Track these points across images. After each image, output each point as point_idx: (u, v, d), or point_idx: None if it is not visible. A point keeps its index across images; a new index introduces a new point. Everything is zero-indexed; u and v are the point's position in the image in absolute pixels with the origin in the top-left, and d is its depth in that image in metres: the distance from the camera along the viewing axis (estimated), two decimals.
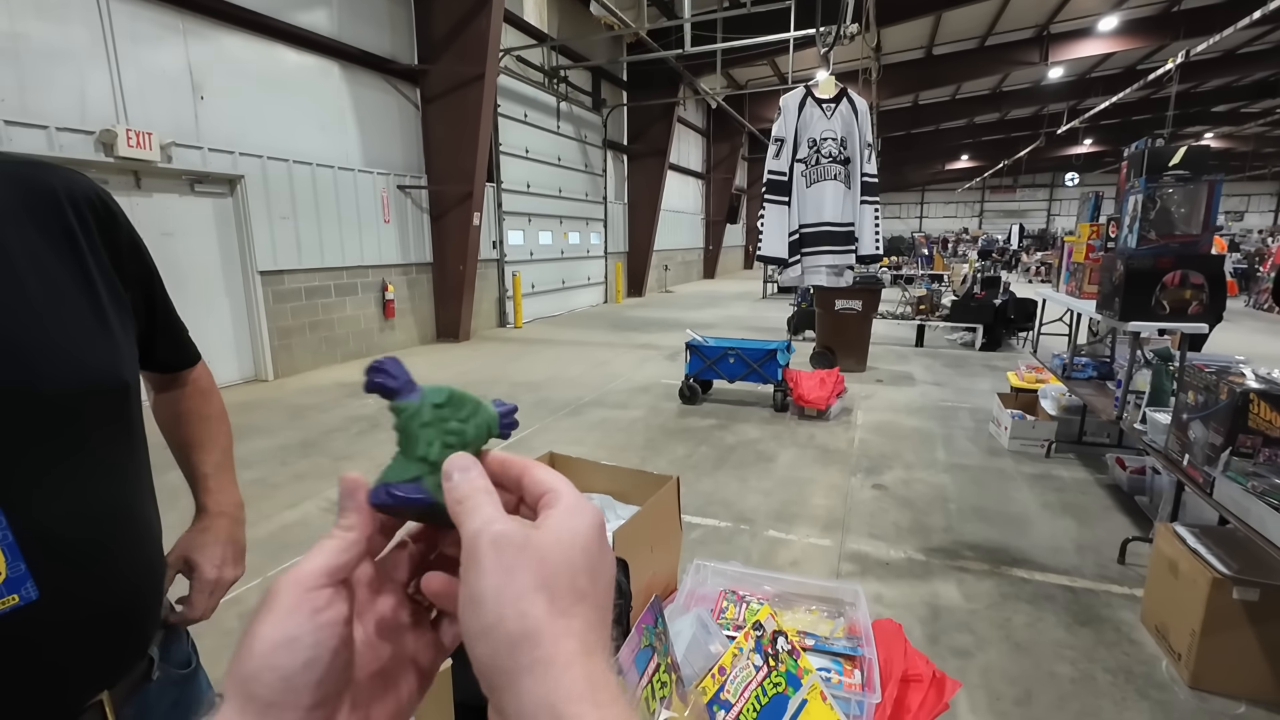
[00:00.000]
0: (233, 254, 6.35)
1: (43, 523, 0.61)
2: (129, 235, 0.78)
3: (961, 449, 4.57)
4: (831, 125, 3.18)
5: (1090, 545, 3.14)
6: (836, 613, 1.25)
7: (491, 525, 0.27)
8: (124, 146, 5.05)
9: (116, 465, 0.71)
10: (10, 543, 0.59)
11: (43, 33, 4.64)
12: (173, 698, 0.80)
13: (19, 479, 0.60)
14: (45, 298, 0.65)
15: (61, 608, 0.62)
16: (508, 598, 0.25)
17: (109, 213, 0.75)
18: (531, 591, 0.25)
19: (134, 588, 0.72)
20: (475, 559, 0.26)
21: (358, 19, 7.39)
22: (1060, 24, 13.96)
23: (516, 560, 0.26)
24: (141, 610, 0.74)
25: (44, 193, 0.68)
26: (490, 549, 0.26)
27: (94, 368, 0.68)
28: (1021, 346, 8.62)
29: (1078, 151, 25.86)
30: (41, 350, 0.63)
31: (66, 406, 0.64)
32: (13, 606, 0.59)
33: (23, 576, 0.59)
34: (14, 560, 0.59)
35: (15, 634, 0.59)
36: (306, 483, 3.94)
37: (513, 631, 0.24)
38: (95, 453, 0.67)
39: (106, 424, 0.69)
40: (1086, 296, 3.71)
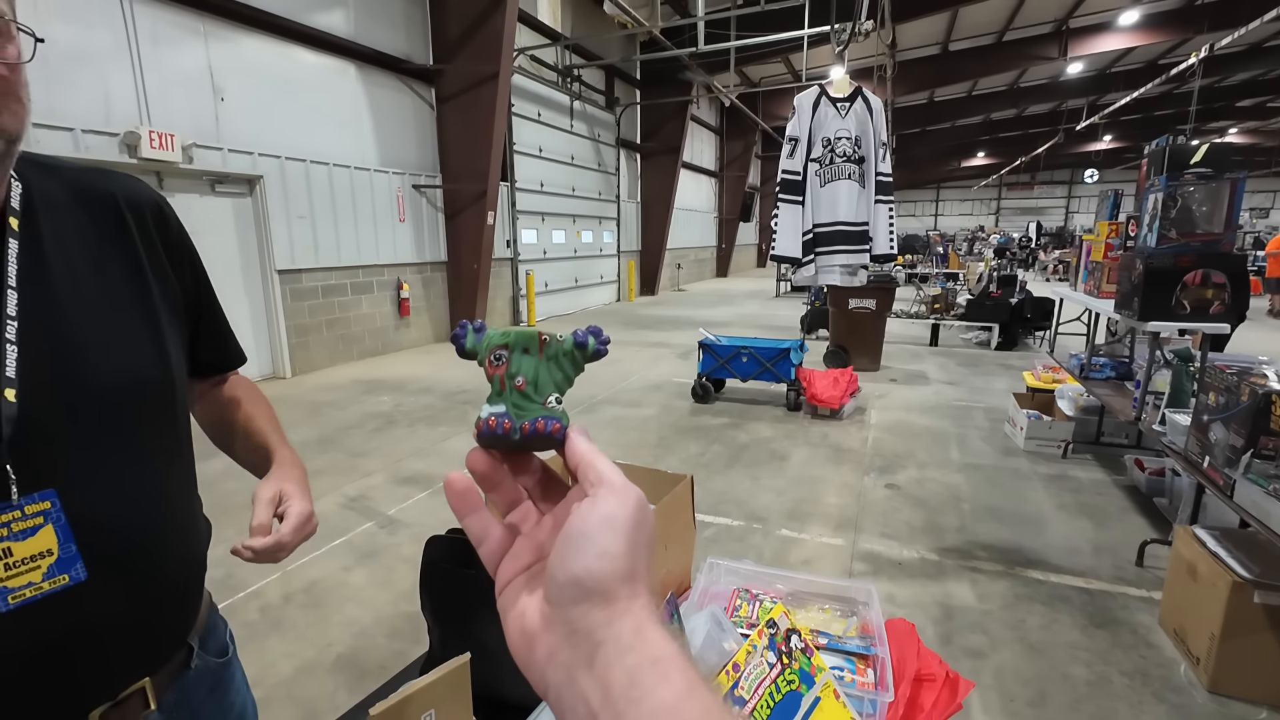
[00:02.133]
0: (251, 253, 6.45)
1: (92, 508, 0.64)
2: (181, 239, 0.81)
3: (976, 449, 4.53)
4: (846, 124, 3.16)
5: (1107, 547, 3.12)
6: (849, 612, 1.26)
7: (629, 486, 0.31)
8: (147, 148, 5.15)
9: (161, 457, 0.73)
10: (64, 524, 0.62)
11: (68, 36, 4.74)
12: (209, 685, 0.83)
13: (70, 466, 0.63)
14: (100, 295, 0.68)
15: (108, 590, 0.65)
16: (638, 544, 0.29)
17: (162, 217, 0.78)
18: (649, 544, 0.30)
19: (175, 576, 0.75)
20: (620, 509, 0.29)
21: (374, 20, 7.46)
22: (1080, 18, 13.75)
23: (646, 517, 0.30)
24: (182, 598, 0.77)
25: (103, 197, 0.72)
26: (638, 503, 0.30)
27: (142, 363, 0.71)
28: (1038, 346, 8.53)
29: (1097, 148, 25.48)
30: (94, 344, 0.66)
31: (116, 399, 0.67)
32: (63, 586, 0.62)
33: (73, 557, 0.63)
34: (66, 541, 0.62)
35: (64, 613, 0.62)
36: (325, 478, 4.00)
37: (620, 570, 0.28)
38: (141, 444, 0.70)
39: (153, 417, 0.72)
40: (1105, 296, 3.67)
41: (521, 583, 0.32)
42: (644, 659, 0.26)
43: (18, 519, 0.59)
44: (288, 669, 2.27)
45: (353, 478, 4.03)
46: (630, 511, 0.29)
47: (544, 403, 0.34)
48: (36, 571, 0.60)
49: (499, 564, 0.34)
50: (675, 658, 0.26)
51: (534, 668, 0.29)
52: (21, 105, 0.59)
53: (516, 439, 0.33)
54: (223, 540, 0.84)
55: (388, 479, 4.01)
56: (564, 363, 0.35)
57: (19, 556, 0.59)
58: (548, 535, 0.33)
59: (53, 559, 0.61)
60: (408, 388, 6.30)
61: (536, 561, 0.32)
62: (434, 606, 1.23)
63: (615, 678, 0.25)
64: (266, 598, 2.71)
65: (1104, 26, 13.83)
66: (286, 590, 2.76)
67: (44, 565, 0.61)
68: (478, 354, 0.35)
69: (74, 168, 0.73)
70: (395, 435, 4.86)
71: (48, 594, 0.61)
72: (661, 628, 0.27)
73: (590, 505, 0.29)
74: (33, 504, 0.60)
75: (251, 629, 2.49)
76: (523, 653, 0.30)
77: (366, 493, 3.80)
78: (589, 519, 0.28)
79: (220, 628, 0.89)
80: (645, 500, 0.30)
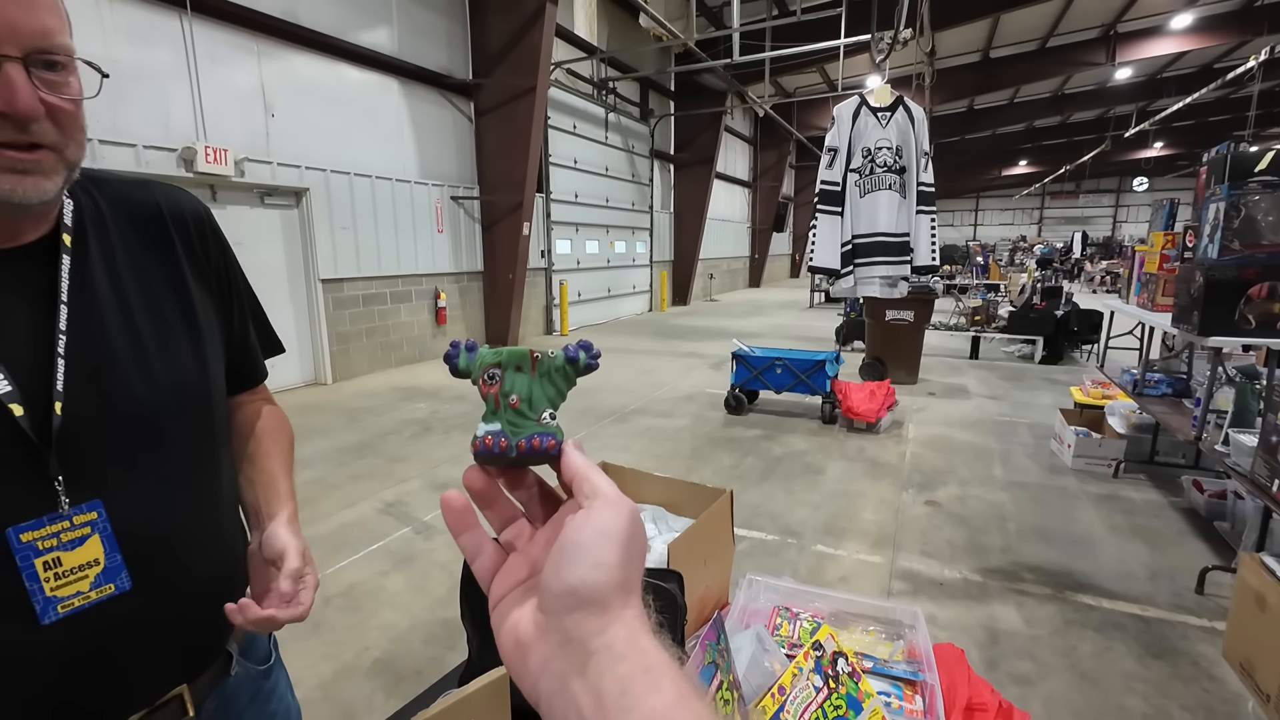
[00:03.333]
0: (297, 262, 6.67)
1: (135, 518, 0.66)
2: (221, 248, 0.82)
3: (1020, 466, 4.38)
4: (887, 134, 3.11)
5: (1164, 572, 2.97)
6: (895, 634, 1.22)
7: (623, 499, 0.32)
8: (202, 162, 5.38)
9: (201, 466, 0.75)
10: (109, 534, 0.63)
11: (133, 57, 4.99)
12: (250, 693, 0.83)
13: (115, 477, 0.65)
14: (144, 308, 0.70)
15: (149, 599, 0.67)
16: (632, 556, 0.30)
17: (201, 226, 0.79)
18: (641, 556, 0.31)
19: (213, 584, 0.75)
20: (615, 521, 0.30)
21: (417, 37, 7.68)
22: (1129, 22, 13.34)
23: (639, 530, 0.31)
24: (219, 605, 0.78)
25: (147, 208, 0.74)
26: (631, 515, 0.31)
27: (184, 375, 0.72)
28: (1085, 360, 8.22)
29: (1147, 155, 24.57)
30: (138, 358, 0.68)
31: (158, 411, 0.68)
32: (109, 595, 0.63)
33: (119, 567, 0.64)
34: (112, 551, 0.63)
35: (108, 621, 0.64)
36: (363, 483, 4.08)
37: (616, 580, 0.28)
38: (182, 455, 0.72)
39: (193, 428, 0.73)
40: (1160, 309, 3.52)
41: (515, 597, 0.33)
42: (636, 668, 0.26)
43: (67, 529, 0.61)
44: (327, 671, 2.31)
45: (390, 483, 4.10)
46: (624, 523, 0.30)
47: (539, 419, 0.35)
48: (84, 581, 0.62)
49: (491, 580, 0.34)
50: (667, 667, 0.27)
51: (527, 678, 0.29)
52: (84, 136, 0.62)
53: (513, 456, 0.34)
54: None
55: (423, 485, 4.07)
56: (556, 379, 0.36)
57: (68, 566, 0.61)
58: (541, 551, 0.33)
59: (99, 569, 0.63)
60: (443, 395, 6.40)
61: (530, 577, 0.33)
62: (474, 615, 1.23)
63: (607, 686, 0.26)
64: None
65: (1155, 30, 13.38)
66: (325, 594, 2.81)
67: (91, 575, 0.62)
68: (471, 373, 0.36)
69: (119, 180, 0.75)
70: (431, 441, 4.93)
71: (95, 603, 0.62)
72: (653, 637, 0.28)
73: (585, 517, 0.30)
74: (81, 514, 0.62)
75: (292, 630, 2.52)
76: (516, 664, 0.30)
77: (403, 498, 3.86)
78: (584, 530, 0.29)
79: (262, 636, 0.89)
80: (638, 513, 0.31)
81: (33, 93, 0.55)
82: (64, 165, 0.60)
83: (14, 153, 0.56)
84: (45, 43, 0.56)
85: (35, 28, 0.55)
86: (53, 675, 0.61)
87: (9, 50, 0.53)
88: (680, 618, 1.16)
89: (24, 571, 0.58)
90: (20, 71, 0.54)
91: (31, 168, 0.57)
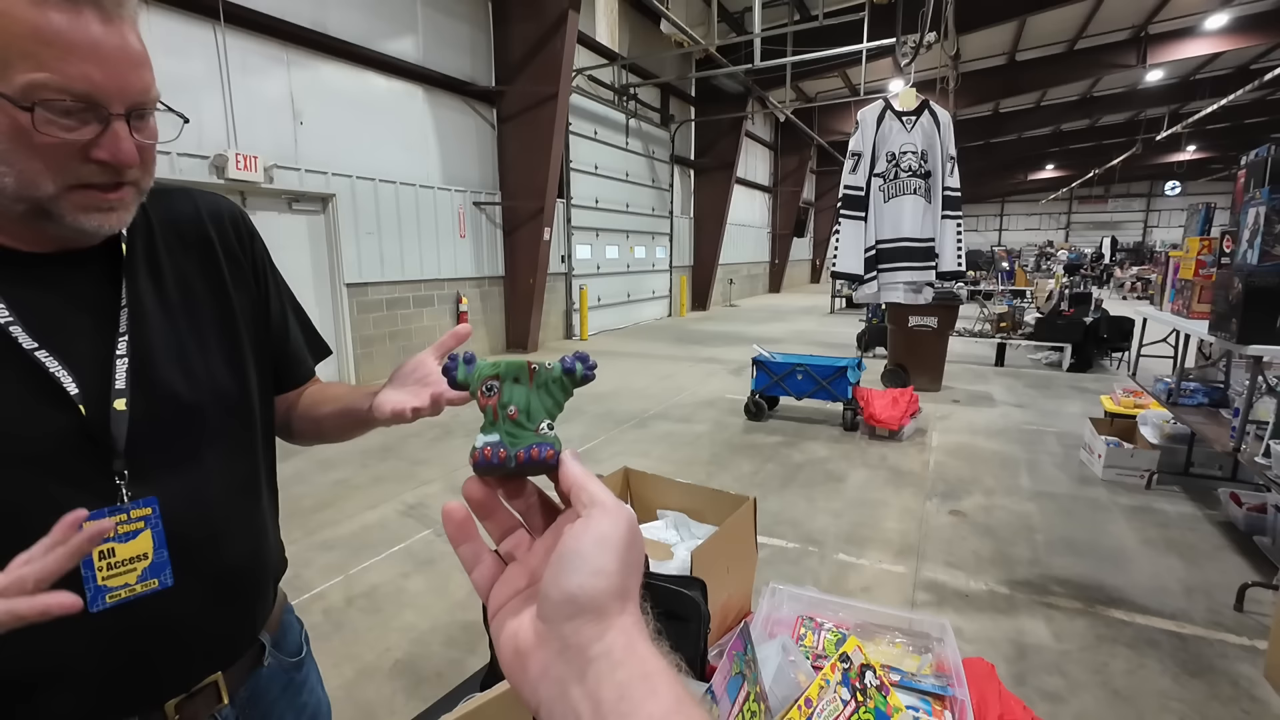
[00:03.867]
0: (323, 267, 6.79)
1: (181, 514, 0.68)
2: (257, 247, 0.84)
3: (1048, 476, 4.29)
4: (912, 138, 3.08)
5: (1200, 588, 2.87)
6: (923, 647, 1.20)
7: (621, 507, 0.32)
8: (233, 169, 5.50)
9: (239, 465, 0.77)
10: (160, 530, 0.66)
11: (169, 67, 5.13)
12: (282, 684, 0.86)
13: (166, 473, 0.67)
14: (186, 310, 0.73)
15: (189, 595, 0.69)
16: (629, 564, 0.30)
17: (238, 226, 0.82)
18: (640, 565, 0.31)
19: (250, 578, 0.78)
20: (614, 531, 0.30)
21: (442, 45, 7.79)
22: (1160, 24, 13.05)
23: (638, 539, 0.32)
24: (255, 598, 0.80)
25: (189, 213, 0.78)
26: (629, 524, 0.31)
27: (224, 375, 0.75)
28: (1115, 368, 8.03)
29: (1180, 158, 23.99)
30: (182, 358, 0.71)
31: (201, 409, 0.71)
32: (152, 590, 0.66)
33: (164, 563, 0.66)
34: (160, 547, 0.66)
35: (152, 614, 0.66)
36: (385, 485, 4.13)
37: (615, 587, 0.29)
38: (224, 453, 0.74)
39: (234, 426, 0.76)
40: (1196, 316, 3.42)
41: (514, 606, 0.33)
42: (634, 674, 0.27)
43: (123, 522, 0.63)
44: (349, 671, 2.33)
45: (411, 485, 4.14)
46: (623, 531, 0.30)
47: (536, 429, 0.35)
48: (132, 574, 0.64)
49: (489, 590, 0.35)
50: (664, 673, 0.27)
51: (526, 685, 0.30)
52: (154, 166, 0.68)
53: (512, 466, 0.34)
54: (291, 541, 0.86)
55: (445, 487, 4.10)
56: (554, 389, 0.36)
57: (120, 558, 0.63)
58: (540, 560, 0.34)
59: (147, 563, 0.65)
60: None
61: (529, 586, 0.34)
62: None
63: (606, 692, 0.26)
64: (330, 600, 2.80)
65: (1188, 31, 13.08)
66: (349, 594, 2.85)
67: (139, 568, 0.65)
68: (469, 385, 0.37)
69: (164, 190, 0.78)
70: (453, 445, 4.98)
71: (138, 596, 0.65)
72: (651, 644, 0.29)
73: (584, 525, 0.30)
74: (138, 509, 0.64)
75: (315, 630, 2.58)
76: (516, 672, 0.31)
77: (425, 500, 3.90)
78: (583, 538, 0.29)
79: (295, 628, 0.92)
80: (635, 520, 0.32)
81: (133, 146, 0.61)
82: (139, 195, 0.66)
83: (102, 194, 0.61)
84: (143, 98, 0.62)
85: (138, 86, 0.61)
86: (97, 660, 0.64)
87: (117, 109, 0.59)
88: (703, 625, 1.15)
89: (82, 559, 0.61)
90: (124, 126, 0.60)
91: (116, 205, 0.62)
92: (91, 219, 0.61)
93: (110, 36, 0.57)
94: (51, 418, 0.61)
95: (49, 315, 0.63)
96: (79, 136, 0.57)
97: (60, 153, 0.57)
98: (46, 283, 0.64)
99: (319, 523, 3.56)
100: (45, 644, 0.61)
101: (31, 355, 0.60)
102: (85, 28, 0.55)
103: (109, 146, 0.58)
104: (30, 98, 0.54)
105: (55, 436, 0.61)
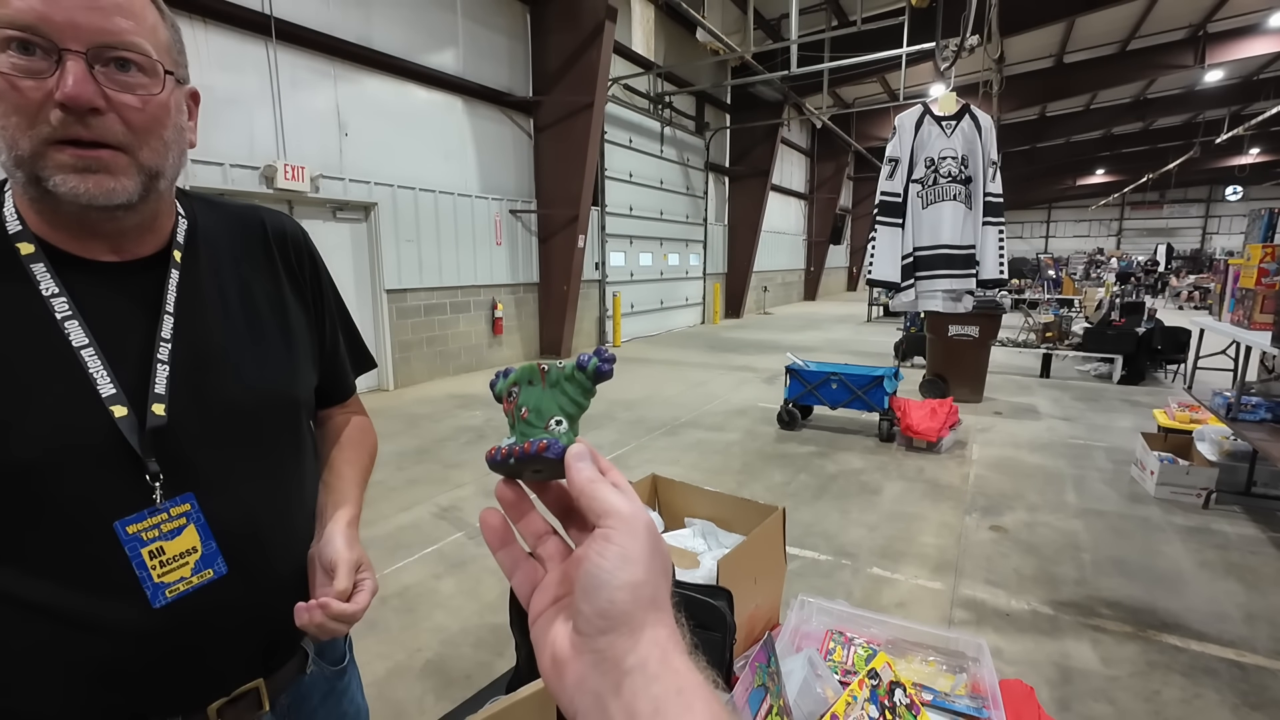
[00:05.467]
0: (364, 274, 6.99)
1: (224, 512, 0.70)
2: (316, 268, 0.88)
3: (1096, 493, 4.11)
4: (952, 143, 3.00)
5: (1264, 615, 2.71)
6: (957, 667, 1.16)
7: (640, 513, 0.32)
8: (281, 179, 5.72)
9: (285, 470, 0.79)
10: (203, 523, 0.68)
11: (224, 82, 5.38)
12: (323, 692, 0.86)
13: (206, 471, 0.69)
14: (244, 319, 0.76)
15: (243, 583, 0.71)
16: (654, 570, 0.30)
17: (299, 247, 0.86)
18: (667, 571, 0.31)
19: (293, 581, 0.79)
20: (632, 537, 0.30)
21: (481, 57, 7.97)
22: (1220, 22, 12.50)
23: (659, 545, 0.31)
24: (297, 600, 0.81)
25: (254, 226, 0.82)
26: (647, 530, 0.31)
27: (275, 381, 0.77)
28: (1170, 381, 7.67)
29: (1241, 162, 22.84)
30: (234, 364, 0.73)
31: (249, 413, 0.74)
32: (209, 580, 0.68)
33: (215, 553, 0.69)
34: (206, 539, 0.68)
35: (209, 604, 0.68)
36: (420, 488, 4.21)
37: (643, 598, 0.29)
38: (269, 456, 0.76)
39: (280, 432, 0.78)
40: (1258, 327, 3.25)
41: (551, 614, 0.33)
42: (669, 688, 0.27)
43: (165, 520, 0.65)
44: (381, 670, 2.38)
45: (445, 488, 4.21)
46: (643, 543, 0.30)
47: (545, 426, 0.36)
48: (186, 567, 0.67)
49: (530, 596, 0.35)
50: (699, 688, 0.27)
51: (564, 694, 0.30)
52: (163, 143, 0.65)
53: (512, 463, 0.35)
54: None
55: (477, 490, 4.16)
56: (568, 387, 0.37)
57: (170, 554, 0.66)
58: (573, 567, 0.34)
59: (198, 555, 0.67)
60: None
61: (565, 595, 0.34)
62: (522, 623, 1.24)
63: (641, 706, 0.27)
64: None
65: (1250, 29, 12.49)
66: (383, 593, 2.90)
67: (191, 561, 0.67)
68: (500, 395, 0.39)
69: (233, 205, 0.82)
70: (485, 449, 5.02)
71: (197, 588, 0.67)
72: (688, 658, 0.29)
73: (604, 542, 0.30)
74: (176, 506, 0.66)
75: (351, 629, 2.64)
76: (553, 679, 0.31)
77: (457, 503, 3.96)
78: (606, 555, 0.29)
79: (340, 638, 0.91)
80: (653, 523, 0.31)
81: (89, 84, 0.57)
82: (138, 169, 0.62)
83: (77, 149, 0.59)
84: (112, 40, 0.58)
85: (100, 26, 0.57)
86: (160, 655, 0.66)
87: (71, 45, 0.56)
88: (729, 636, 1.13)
89: (133, 560, 0.64)
90: (80, 65, 0.57)
91: (94, 165, 0.59)
92: (70, 181, 0.59)
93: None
94: (89, 415, 0.62)
95: (105, 318, 0.65)
96: (34, 77, 0.56)
97: (30, 101, 0.56)
98: (114, 287, 0.67)
99: None
100: (103, 641, 0.63)
101: (78, 353, 0.62)
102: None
103: (60, 84, 0.56)
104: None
105: (93, 434, 0.62)
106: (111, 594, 0.63)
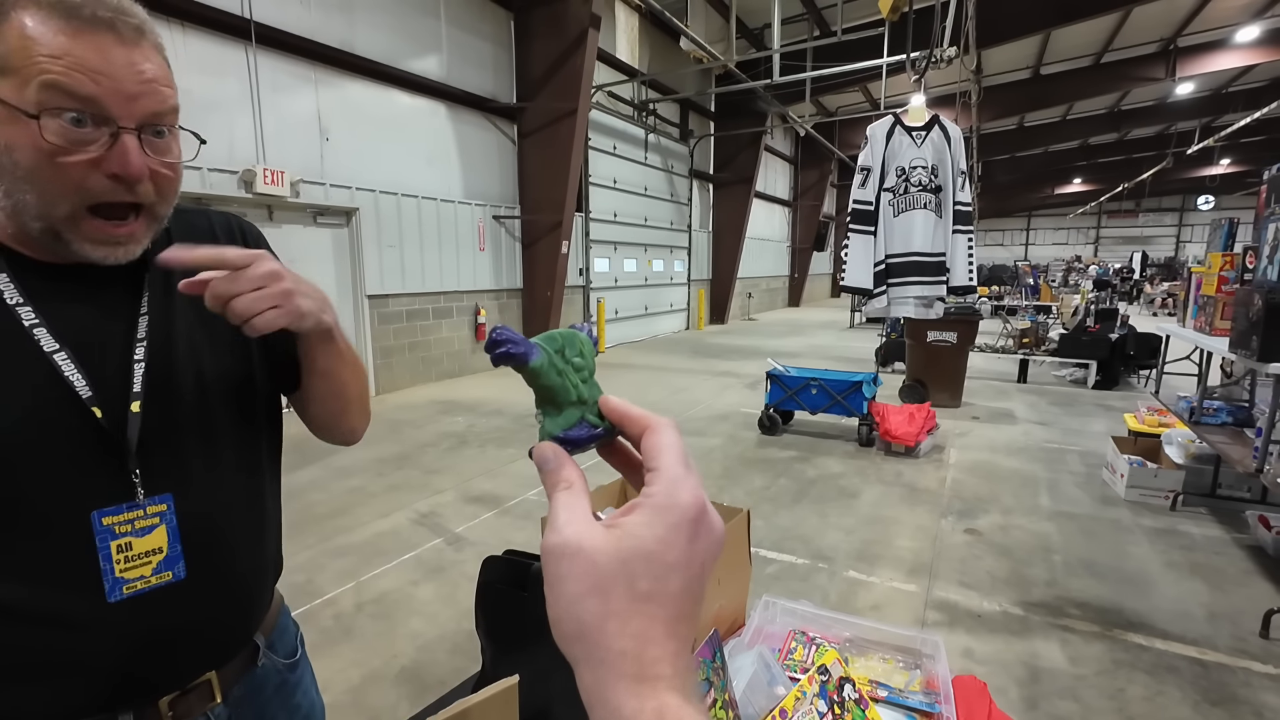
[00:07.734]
0: (346, 279, 6.95)
1: (195, 512, 0.72)
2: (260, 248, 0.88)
3: (1069, 495, 4.19)
4: (922, 153, 3.07)
5: (1225, 613, 2.78)
6: (914, 664, 1.19)
7: (546, 539, 0.29)
8: (261, 184, 5.68)
9: (245, 467, 0.81)
10: (174, 526, 0.70)
11: (202, 86, 5.34)
12: (275, 684, 0.88)
13: (180, 473, 0.71)
14: (200, 317, 0.75)
15: (197, 589, 0.72)
16: (562, 604, 0.28)
17: (244, 232, 0.87)
18: (583, 597, 0.27)
19: (251, 578, 0.81)
20: (544, 568, 0.29)
21: (465, 63, 7.98)
22: (1190, 36, 12.84)
23: (569, 569, 0.28)
24: (252, 598, 0.83)
25: (202, 226, 0.83)
26: (547, 559, 0.29)
27: (233, 381, 0.78)
28: (1143, 386, 7.84)
29: (1213, 172, 23.46)
30: (196, 363, 0.74)
31: (212, 413, 0.75)
32: (165, 582, 0.69)
33: (177, 556, 0.70)
34: (174, 542, 0.70)
35: (161, 607, 0.70)
36: (399, 494, 4.19)
37: (568, 633, 0.28)
38: (230, 455, 0.78)
39: (240, 429, 0.79)
40: (1218, 333, 3.34)
41: None
42: None
43: (140, 517, 0.67)
44: (356, 676, 2.37)
45: (425, 494, 4.19)
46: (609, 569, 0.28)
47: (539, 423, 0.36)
48: (148, 566, 0.68)
49: None
50: None
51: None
52: (177, 193, 0.70)
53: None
54: (305, 547, 0.89)
55: (457, 497, 4.15)
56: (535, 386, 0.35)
57: (137, 551, 0.67)
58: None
59: (161, 556, 0.69)
60: (480, 409, 6.53)
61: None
62: (488, 626, 1.26)
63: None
64: (340, 605, 2.84)
65: (1219, 44, 12.85)
66: (360, 599, 2.89)
67: (154, 561, 0.68)
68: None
69: (183, 209, 0.82)
70: (467, 455, 5.03)
71: (153, 588, 0.68)
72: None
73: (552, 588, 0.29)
74: (154, 505, 0.68)
75: (326, 634, 2.62)
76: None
77: (437, 509, 3.94)
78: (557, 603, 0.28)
79: (291, 630, 0.94)
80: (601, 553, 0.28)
81: (142, 158, 0.62)
82: (153, 223, 0.68)
83: (112, 227, 0.64)
84: (158, 113, 0.64)
85: (151, 108, 0.63)
86: (113, 648, 0.67)
87: (126, 123, 0.61)
88: None
89: (100, 551, 0.65)
90: (134, 140, 0.62)
91: (125, 240, 0.65)
92: (99, 251, 0.64)
93: (123, 56, 0.60)
94: (68, 417, 0.64)
95: (80, 323, 0.67)
96: (88, 149, 0.60)
97: (75, 170, 0.60)
98: (80, 294, 0.68)
99: (333, 529, 3.62)
100: (62, 633, 0.65)
101: (50, 358, 0.64)
102: (100, 47, 0.59)
103: (118, 158, 0.61)
104: (38, 106, 0.57)
105: (73, 435, 0.65)
106: (68, 586, 0.65)
